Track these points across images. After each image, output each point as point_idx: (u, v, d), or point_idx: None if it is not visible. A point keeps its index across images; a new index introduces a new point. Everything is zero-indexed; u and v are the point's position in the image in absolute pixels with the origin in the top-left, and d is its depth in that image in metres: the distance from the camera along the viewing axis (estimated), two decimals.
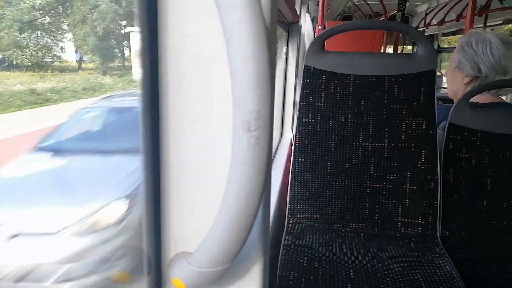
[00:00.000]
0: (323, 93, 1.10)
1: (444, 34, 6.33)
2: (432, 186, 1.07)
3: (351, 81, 1.09)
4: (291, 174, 1.12)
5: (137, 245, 2.28)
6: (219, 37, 0.30)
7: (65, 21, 12.38)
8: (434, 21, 5.37)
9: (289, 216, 1.12)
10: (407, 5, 3.98)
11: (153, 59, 0.31)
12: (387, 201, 1.09)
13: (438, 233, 1.07)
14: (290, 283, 0.86)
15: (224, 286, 0.36)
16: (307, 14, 2.45)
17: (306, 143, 1.11)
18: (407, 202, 1.08)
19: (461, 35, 1.43)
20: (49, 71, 10.90)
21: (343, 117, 1.10)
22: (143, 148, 0.33)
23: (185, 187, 0.34)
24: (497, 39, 1.16)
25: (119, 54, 13.51)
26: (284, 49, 1.93)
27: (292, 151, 1.13)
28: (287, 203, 1.13)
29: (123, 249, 2.23)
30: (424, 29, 5.87)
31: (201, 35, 0.30)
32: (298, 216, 1.12)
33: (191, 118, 0.32)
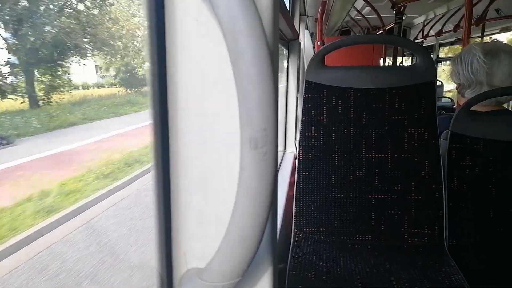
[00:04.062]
0: (324, 107, 1.12)
1: (442, 45, 6.40)
2: (437, 195, 1.07)
3: (352, 95, 1.11)
4: (296, 187, 1.13)
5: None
6: (225, 61, 0.31)
7: None
8: (432, 32, 5.43)
9: (295, 230, 1.12)
10: (404, 18, 4.04)
11: (161, 83, 0.32)
12: (392, 212, 1.09)
13: (445, 243, 1.06)
14: None
15: None
16: (306, 30, 2.49)
17: (310, 156, 1.12)
18: (412, 212, 1.08)
19: None
20: None
21: (345, 130, 1.11)
22: (154, 165, 0.34)
23: (195, 204, 0.35)
24: (480, 51, 1.19)
25: None
26: (285, 65, 1.96)
27: (296, 165, 1.14)
28: (293, 217, 1.13)
29: None
30: (422, 40, 5.94)
31: (208, 59, 0.32)
32: (304, 229, 1.12)
33: (200, 136, 0.33)
